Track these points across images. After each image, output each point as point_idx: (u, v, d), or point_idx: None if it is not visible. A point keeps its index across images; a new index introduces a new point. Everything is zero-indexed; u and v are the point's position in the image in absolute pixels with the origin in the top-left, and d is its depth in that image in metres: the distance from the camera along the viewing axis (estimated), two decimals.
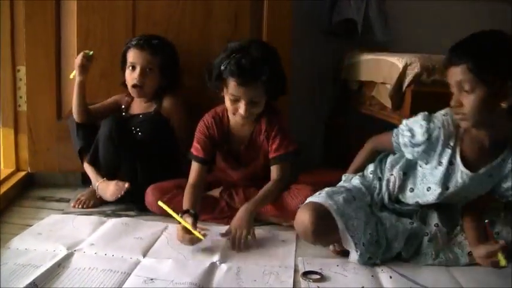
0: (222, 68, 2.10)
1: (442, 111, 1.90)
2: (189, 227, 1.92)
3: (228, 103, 2.16)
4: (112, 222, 2.19)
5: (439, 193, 1.90)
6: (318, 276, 1.75)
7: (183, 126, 2.48)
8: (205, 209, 2.23)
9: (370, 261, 1.85)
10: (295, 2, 2.78)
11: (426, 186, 1.94)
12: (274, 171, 2.25)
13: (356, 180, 2.07)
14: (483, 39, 1.74)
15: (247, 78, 2.07)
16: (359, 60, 2.86)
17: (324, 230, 1.84)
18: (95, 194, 2.43)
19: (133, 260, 1.81)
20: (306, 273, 1.77)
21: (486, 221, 1.84)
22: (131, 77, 2.45)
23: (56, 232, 2.05)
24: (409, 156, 1.96)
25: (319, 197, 1.89)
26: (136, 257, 1.84)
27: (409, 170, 2.02)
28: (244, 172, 2.35)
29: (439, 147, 1.87)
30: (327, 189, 1.95)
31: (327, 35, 3.27)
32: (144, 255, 1.86)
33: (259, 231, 2.12)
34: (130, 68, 2.45)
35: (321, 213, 1.82)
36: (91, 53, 2.36)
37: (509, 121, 1.81)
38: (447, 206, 2.01)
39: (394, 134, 1.99)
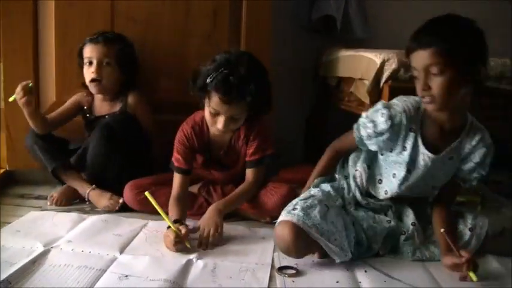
0: (208, 80, 2.04)
1: (400, 98, 1.93)
2: (175, 230, 1.91)
3: (207, 114, 2.13)
4: (91, 219, 2.19)
5: (403, 177, 1.91)
6: (293, 271, 1.76)
7: (149, 120, 2.51)
8: (187, 208, 2.22)
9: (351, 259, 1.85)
10: None
11: (392, 173, 1.95)
12: (249, 174, 2.25)
13: (324, 185, 2.05)
14: (450, 22, 1.77)
15: (231, 97, 2.02)
16: (337, 56, 2.88)
17: (305, 244, 1.79)
18: (67, 192, 2.43)
19: (109, 257, 1.81)
20: (281, 268, 1.78)
21: (442, 230, 1.83)
22: (88, 71, 2.42)
23: (35, 229, 2.05)
24: (373, 148, 1.94)
25: (295, 215, 1.79)
26: (113, 253, 1.84)
27: (372, 162, 2.03)
28: (224, 173, 2.36)
29: (403, 132, 1.88)
30: (300, 202, 1.86)
31: (308, 32, 3.28)
32: (121, 252, 1.86)
33: (239, 227, 2.13)
34: (88, 63, 2.42)
35: (300, 230, 1.76)
36: (30, 84, 2.30)
37: (469, 104, 1.86)
38: (420, 203, 2.03)
39: (355, 129, 1.97)
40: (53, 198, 2.39)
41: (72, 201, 2.43)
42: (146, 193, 1.98)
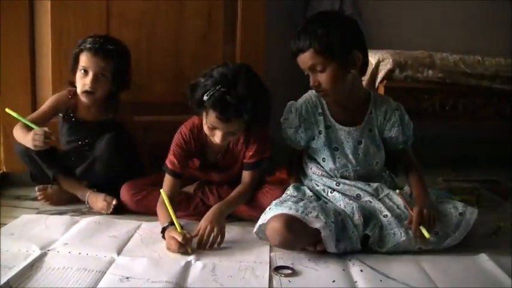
0: (205, 98, 1.98)
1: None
2: (180, 238, 1.90)
3: (205, 127, 2.11)
4: (85, 221, 2.18)
5: (330, 155, 2.11)
6: (290, 271, 1.78)
7: (133, 125, 2.54)
8: (180, 206, 2.23)
9: (344, 250, 1.91)
10: None
11: (320, 158, 2.15)
12: (246, 176, 2.26)
13: (297, 186, 2.18)
14: (321, 21, 1.96)
15: (229, 116, 1.99)
16: None
17: (298, 233, 1.86)
18: (60, 192, 2.43)
19: (107, 259, 1.82)
20: (277, 268, 1.79)
21: (397, 191, 2.07)
22: (82, 81, 2.34)
23: (28, 232, 2.05)
24: (302, 142, 2.15)
25: (285, 207, 1.90)
26: (110, 255, 1.85)
27: (310, 154, 2.21)
28: (221, 175, 2.36)
29: (312, 118, 2.12)
30: (276, 201, 2.02)
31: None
32: (119, 254, 1.87)
33: (234, 228, 2.15)
34: (82, 71, 2.34)
35: (290, 218, 1.85)
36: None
37: (361, 83, 2.15)
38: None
39: (283, 136, 2.17)
40: (45, 194, 2.39)
41: (65, 202, 2.43)
42: (161, 191, 2.03)
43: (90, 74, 2.32)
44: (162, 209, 2.07)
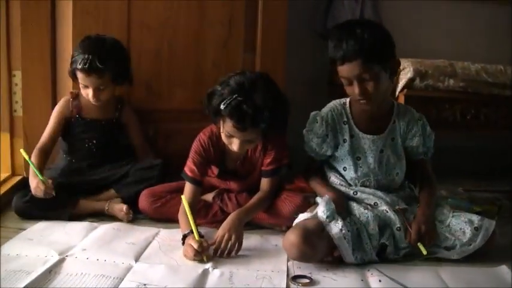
0: (222, 106, 1.97)
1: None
2: (196, 245, 1.89)
3: (223, 135, 2.10)
4: (104, 227, 2.19)
5: (353, 164, 2.11)
6: (307, 280, 1.77)
7: (140, 132, 2.58)
8: (199, 213, 2.22)
9: (361, 260, 1.91)
10: (291, 3, 2.79)
11: (342, 167, 2.15)
12: (264, 183, 2.26)
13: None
14: (363, 29, 1.93)
15: (245, 125, 1.98)
16: None
17: (314, 245, 1.86)
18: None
19: (125, 265, 1.82)
20: (295, 278, 1.79)
21: (397, 207, 2.04)
22: (85, 92, 2.39)
23: (47, 237, 2.05)
24: (328, 152, 2.15)
25: (301, 218, 1.96)
26: (128, 262, 1.85)
27: (329, 163, 2.21)
28: (240, 183, 2.35)
29: (338, 126, 2.13)
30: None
31: (324, 40, 3.28)
32: (136, 260, 1.87)
33: (252, 235, 2.14)
34: (83, 86, 2.39)
35: (306, 231, 1.86)
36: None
37: (390, 91, 2.20)
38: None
39: (305, 148, 2.18)
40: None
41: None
42: (182, 197, 2.03)
43: (90, 90, 2.37)
44: (184, 216, 2.07)
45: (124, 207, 2.32)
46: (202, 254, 1.89)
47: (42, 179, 2.24)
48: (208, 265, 1.86)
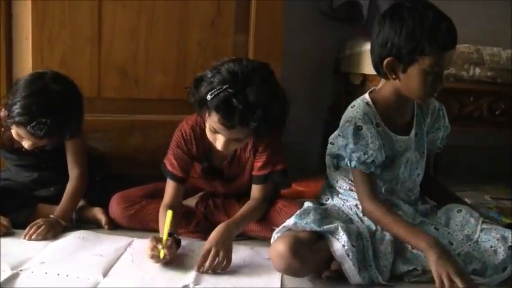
0: (209, 97, 1.93)
1: (347, 111, 2.08)
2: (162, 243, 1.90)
3: (207, 130, 2.08)
4: (67, 236, 2.16)
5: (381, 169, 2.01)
6: None
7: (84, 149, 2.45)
8: (180, 221, 2.20)
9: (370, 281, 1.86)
10: None
11: None
12: (255, 191, 2.23)
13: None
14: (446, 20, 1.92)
15: (233, 123, 1.94)
16: (362, 50, 2.86)
17: (305, 256, 1.81)
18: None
19: (91, 281, 1.79)
20: None
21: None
22: (19, 139, 2.24)
23: (0, 249, 2.00)
24: (383, 158, 2.00)
25: (287, 225, 1.91)
26: (95, 277, 1.82)
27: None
28: (226, 186, 2.34)
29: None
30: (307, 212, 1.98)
31: (329, 20, 3.26)
32: (105, 275, 1.84)
33: (240, 247, 2.11)
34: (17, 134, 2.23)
35: (295, 240, 1.81)
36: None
37: None
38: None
39: (353, 165, 1.98)
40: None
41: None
42: (169, 212, 1.96)
43: (27, 142, 2.23)
44: (160, 216, 2.07)
45: (103, 218, 2.30)
46: (157, 249, 1.88)
47: None
48: (189, 281, 1.82)
